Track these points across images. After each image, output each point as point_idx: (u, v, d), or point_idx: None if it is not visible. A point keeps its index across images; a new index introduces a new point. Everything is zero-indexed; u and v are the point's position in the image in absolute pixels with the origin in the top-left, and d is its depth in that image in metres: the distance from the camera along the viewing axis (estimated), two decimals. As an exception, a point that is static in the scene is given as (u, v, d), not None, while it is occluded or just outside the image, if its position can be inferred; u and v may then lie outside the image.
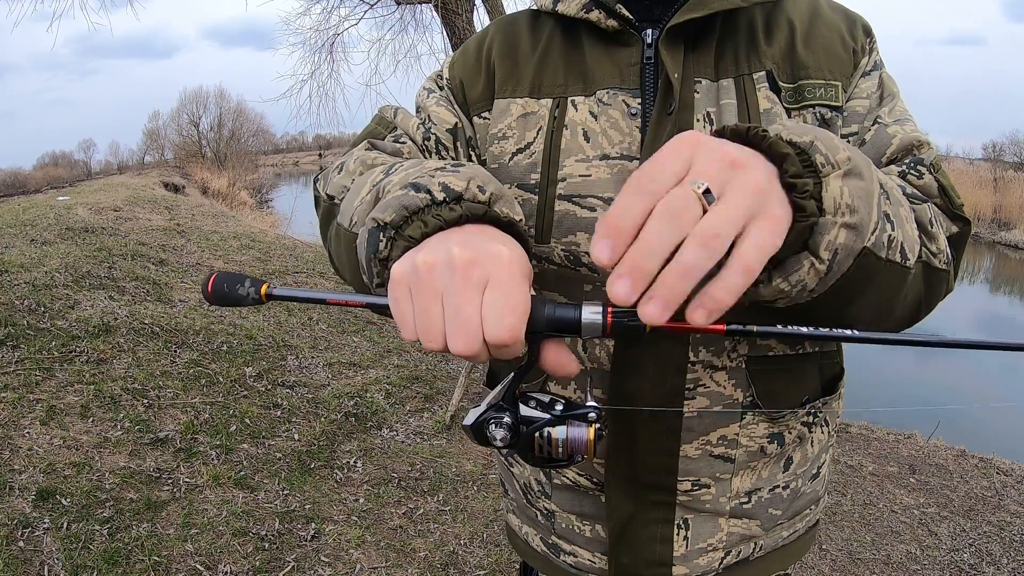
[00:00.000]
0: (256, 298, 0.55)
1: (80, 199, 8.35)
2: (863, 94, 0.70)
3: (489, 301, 0.44)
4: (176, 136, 32.06)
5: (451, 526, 2.64)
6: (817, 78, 0.68)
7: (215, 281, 0.56)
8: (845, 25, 0.72)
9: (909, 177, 0.66)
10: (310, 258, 6.93)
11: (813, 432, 0.79)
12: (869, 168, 0.50)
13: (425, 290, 0.46)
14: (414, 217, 0.50)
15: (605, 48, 0.72)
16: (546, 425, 0.53)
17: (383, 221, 0.50)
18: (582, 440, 0.53)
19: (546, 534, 0.85)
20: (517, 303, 0.45)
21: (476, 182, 0.52)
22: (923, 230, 0.59)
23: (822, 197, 0.46)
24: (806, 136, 0.47)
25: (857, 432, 3.83)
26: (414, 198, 0.50)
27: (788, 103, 0.68)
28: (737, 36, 0.71)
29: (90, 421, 2.91)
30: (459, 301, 0.44)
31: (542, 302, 0.48)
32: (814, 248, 0.47)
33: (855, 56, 0.70)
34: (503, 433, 0.53)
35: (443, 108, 0.78)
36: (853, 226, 0.47)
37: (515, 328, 0.44)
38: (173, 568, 2.17)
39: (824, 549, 2.66)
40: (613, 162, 0.69)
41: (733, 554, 0.78)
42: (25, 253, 4.72)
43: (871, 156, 0.69)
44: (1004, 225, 16.82)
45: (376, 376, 3.98)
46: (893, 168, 0.67)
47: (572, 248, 0.70)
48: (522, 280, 0.46)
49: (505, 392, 0.54)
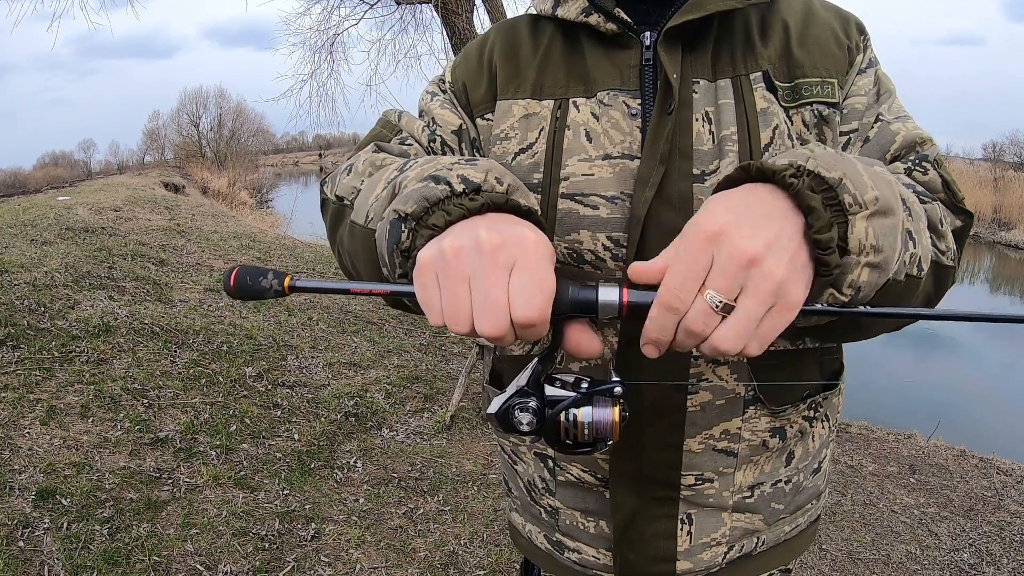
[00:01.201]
0: (279, 290, 0.54)
1: (80, 199, 8.35)
2: (860, 91, 0.71)
3: (517, 282, 0.46)
4: (176, 136, 32.07)
5: (451, 526, 2.64)
6: (813, 76, 0.69)
7: (237, 274, 0.55)
8: (839, 23, 0.73)
9: (915, 174, 0.67)
10: (310, 258, 6.93)
11: (814, 427, 0.80)
12: (896, 201, 0.49)
13: (453, 274, 0.47)
14: (435, 207, 0.51)
15: (605, 51, 0.73)
16: (572, 406, 0.53)
17: (404, 212, 0.52)
18: (607, 422, 0.54)
19: (550, 531, 0.85)
20: (544, 283, 0.46)
21: (493, 174, 0.54)
22: (933, 230, 0.60)
23: (847, 237, 0.46)
24: (835, 172, 0.47)
25: (857, 432, 3.83)
26: (434, 189, 0.52)
27: (785, 102, 0.69)
28: (733, 37, 0.71)
29: (90, 421, 2.91)
30: (487, 283, 0.46)
31: (564, 283, 0.49)
32: (837, 285, 0.48)
33: (850, 53, 0.71)
34: (529, 417, 0.53)
35: (447, 111, 0.78)
36: (877, 265, 0.48)
37: (543, 308, 0.46)
38: (173, 568, 2.17)
39: (824, 549, 2.66)
40: (615, 161, 0.70)
41: (736, 549, 0.79)
42: (25, 253, 4.72)
43: (875, 154, 0.69)
44: (1004, 225, 16.82)
45: (376, 376, 3.98)
46: (898, 165, 0.68)
47: (575, 246, 0.71)
48: (548, 262, 0.48)
49: (530, 376, 0.54)
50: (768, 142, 0.68)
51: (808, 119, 0.69)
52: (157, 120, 34.53)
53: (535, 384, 0.54)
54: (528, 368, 0.54)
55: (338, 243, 0.70)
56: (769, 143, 0.68)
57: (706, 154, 0.68)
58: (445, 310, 0.47)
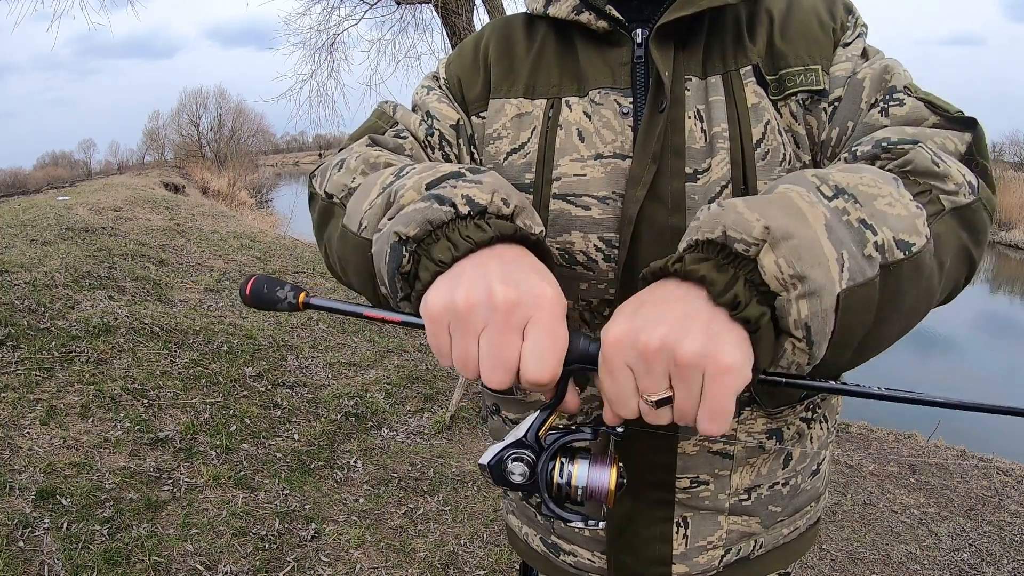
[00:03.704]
0: (293, 304, 0.54)
1: (80, 199, 8.35)
2: (843, 58, 0.68)
3: (530, 343, 0.46)
4: (176, 136, 32.15)
5: (451, 526, 2.64)
6: (796, 65, 0.68)
7: (254, 283, 0.55)
8: (824, 4, 0.71)
9: (891, 110, 0.63)
10: (310, 258, 6.93)
11: (812, 428, 0.79)
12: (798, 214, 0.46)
13: (466, 329, 0.46)
14: (438, 232, 0.49)
15: (597, 48, 0.73)
16: (566, 456, 0.51)
17: (406, 235, 0.49)
18: (603, 486, 0.51)
19: (546, 534, 0.85)
20: (558, 344, 0.46)
21: (500, 195, 0.51)
22: (929, 177, 0.55)
23: (765, 281, 0.44)
24: (716, 230, 0.46)
25: (857, 432, 3.82)
26: (438, 211, 0.49)
27: (774, 95, 0.69)
28: (724, 33, 0.71)
29: (90, 421, 2.91)
30: (499, 342, 0.45)
31: (576, 336, 0.48)
32: (786, 330, 0.45)
33: (834, 35, 0.69)
34: (522, 468, 0.51)
35: (445, 105, 0.78)
36: (810, 292, 0.43)
37: (554, 368, 0.46)
38: (173, 568, 2.17)
39: (824, 549, 2.66)
40: (607, 161, 0.70)
41: (733, 552, 0.78)
42: (25, 253, 4.72)
43: (850, 115, 0.65)
44: (1004, 225, 16.80)
45: (376, 376, 3.98)
46: (874, 113, 0.64)
47: (567, 247, 0.70)
48: (562, 321, 0.47)
49: (529, 428, 0.52)
50: (760, 138, 0.67)
51: (795, 110, 0.68)
52: (157, 120, 34.70)
53: (534, 436, 0.52)
54: (527, 419, 0.52)
55: (325, 241, 0.68)
56: (761, 139, 0.67)
57: (698, 152, 0.68)
58: (455, 359, 0.47)
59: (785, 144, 0.68)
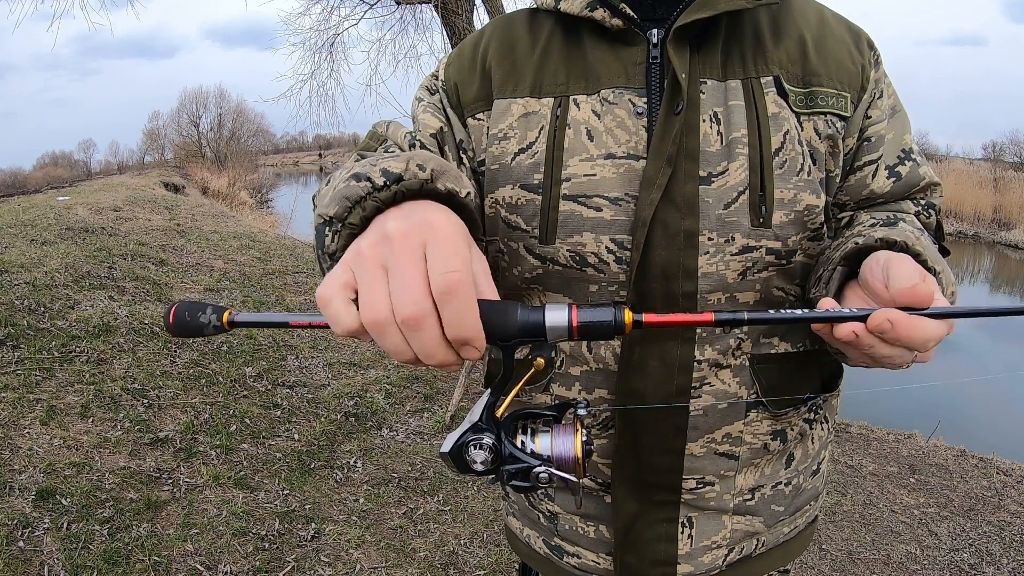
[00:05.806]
0: (218, 326, 0.52)
1: (80, 199, 8.34)
2: (882, 117, 0.73)
3: (430, 256, 0.42)
4: (176, 136, 32.13)
5: (451, 526, 2.64)
6: (829, 87, 0.69)
7: (176, 311, 0.52)
8: (850, 38, 0.73)
9: (921, 217, 0.76)
10: (310, 258, 6.93)
11: (814, 429, 0.80)
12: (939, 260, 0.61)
13: (368, 265, 0.44)
14: (356, 206, 0.49)
15: (609, 47, 0.72)
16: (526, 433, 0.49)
17: (327, 216, 0.50)
18: (569, 453, 0.49)
19: (549, 536, 0.85)
20: (459, 249, 0.43)
21: (415, 161, 0.50)
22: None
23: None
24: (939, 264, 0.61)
25: (857, 432, 3.82)
26: (355, 187, 0.49)
27: (798, 107, 0.69)
28: (743, 37, 0.71)
29: (90, 421, 2.91)
30: (400, 263, 0.42)
31: (512, 305, 0.45)
32: None
33: (863, 71, 0.71)
34: (483, 455, 0.48)
35: (429, 114, 0.77)
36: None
37: (461, 271, 0.41)
38: (173, 568, 2.17)
39: (824, 549, 2.66)
40: (619, 161, 0.69)
41: (736, 551, 0.79)
42: (25, 253, 4.72)
43: (903, 191, 0.76)
44: (1004, 225, 16.78)
45: (376, 376, 3.97)
46: (910, 205, 0.76)
47: (578, 248, 0.70)
48: (461, 240, 0.44)
49: (483, 410, 0.49)
50: (779, 147, 0.67)
51: (822, 129, 0.69)
52: (157, 120, 34.63)
53: (490, 419, 0.49)
54: (480, 401, 0.50)
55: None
56: (780, 147, 0.67)
57: (713, 155, 0.68)
58: (362, 304, 0.43)
59: (804, 155, 0.68)
